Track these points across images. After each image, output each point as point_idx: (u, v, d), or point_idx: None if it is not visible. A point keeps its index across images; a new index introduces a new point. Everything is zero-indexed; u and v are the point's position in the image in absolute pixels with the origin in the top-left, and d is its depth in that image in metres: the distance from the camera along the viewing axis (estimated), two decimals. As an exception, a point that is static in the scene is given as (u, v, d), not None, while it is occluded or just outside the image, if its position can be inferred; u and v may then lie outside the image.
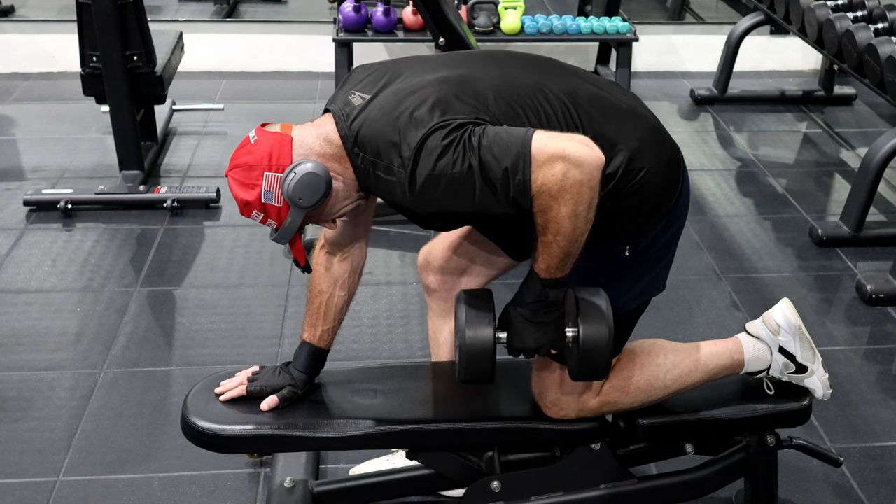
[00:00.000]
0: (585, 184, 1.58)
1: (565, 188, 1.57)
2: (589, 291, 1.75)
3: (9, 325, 3.02)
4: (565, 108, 1.74)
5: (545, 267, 1.69)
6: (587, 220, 1.62)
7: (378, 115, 1.69)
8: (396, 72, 1.78)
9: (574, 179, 1.57)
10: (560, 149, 1.57)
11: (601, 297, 1.74)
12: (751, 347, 2.05)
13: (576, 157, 1.57)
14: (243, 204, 1.73)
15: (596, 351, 1.71)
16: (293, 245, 1.80)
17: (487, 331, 1.71)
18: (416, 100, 1.67)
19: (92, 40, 3.62)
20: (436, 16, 3.39)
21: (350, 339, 2.96)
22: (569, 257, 1.67)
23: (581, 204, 1.59)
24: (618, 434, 2.08)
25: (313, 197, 1.70)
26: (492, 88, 1.72)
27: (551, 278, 1.70)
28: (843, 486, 2.43)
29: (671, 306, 3.17)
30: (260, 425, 1.93)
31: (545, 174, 1.57)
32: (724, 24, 5.45)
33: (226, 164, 1.75)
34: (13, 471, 2.42)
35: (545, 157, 1.57)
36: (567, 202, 1.58)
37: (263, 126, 1.76)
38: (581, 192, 1.58)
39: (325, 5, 5.95)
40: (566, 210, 1.59)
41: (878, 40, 3.62)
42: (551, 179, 1.57)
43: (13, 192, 3.85)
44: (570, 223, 1.61)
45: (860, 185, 3.54)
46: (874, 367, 2.92)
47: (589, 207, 1.61)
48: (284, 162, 1.70)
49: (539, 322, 1.73)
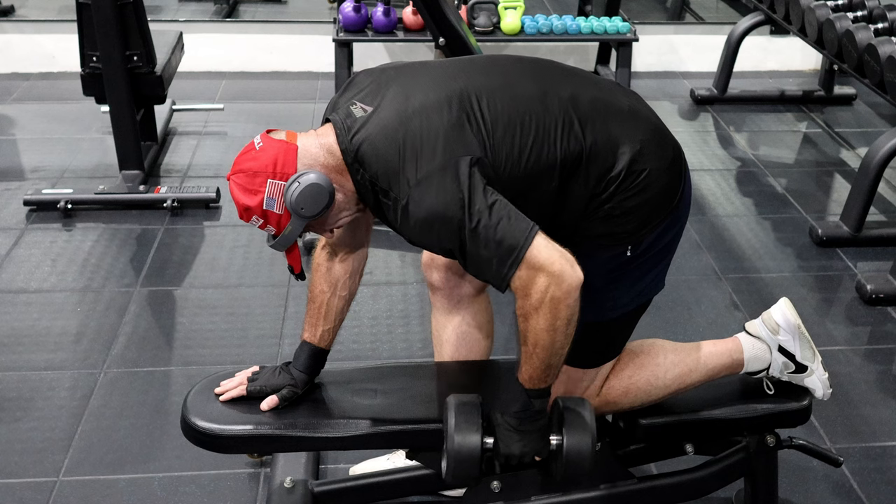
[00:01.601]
0: (563, 301, 1.62)
1: (544, 302, 1.62)
2: (573, 401, 1.82)
3: (9, 325, 3.02)
4: (566, 115, 1.74)
5: (528, 377, 1.74)
6: (566, 334, 1.68)
7: (380, 135, 1.68)
8: (398, 82, 1.77)
9: (553, 296, 1.62)
10: (549, 261, 1.61)
11: (585, 408, 1.80)
12: (750, 347, 2.05)
13: (559, 274, 1.61)
14: (244, 209, 1.73)
15: (579, 460, 1.76)
16: (290, 252, 1.81)
17: (475, 438, 1.76)
18: (418, 124, 1.67)
19: (92, 40, 3.62)
20: (436, 16, 3.39)
21: (350, 339, 2.96)
22: (550, 368, 1.72)
23: (559, 319, 1.64)
24: (618, 434, 2.08)
25: (316, 207, 1.71)
26: (492, 108, 1.71)
27: (535, 388, 1.75)
28: (843, 486, 2.43)
29: (671, 306, 3.17)
30: (260, 425, 1.93)
31: (529, 281, 1.62)
32: (724, 24, 5.46)
33: (226, 164, 1.75)
34: (13, 471, 2.42)
35: (533, 263, 1.62)
36: (545, 316, 1.64)
37: (269, 132, 1.77)
38: (559, 309, 1.63)
39: (325, 5, 5.95)
40: (544, 323, 1.65)
41: (878, 40, 3.62)
42: (534, 291, 1.62)
43: (13, 192, 3.85)
44: (549, 336, 1.66)
45: (860, 185, 3.54)
46: (874, 367, 2.92)
47: (567, 323, 1.66)
48: (289, 171, 1.70)
49: (524, 430, 1.77)
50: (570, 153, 1.73)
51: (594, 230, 1.80)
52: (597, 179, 1.75)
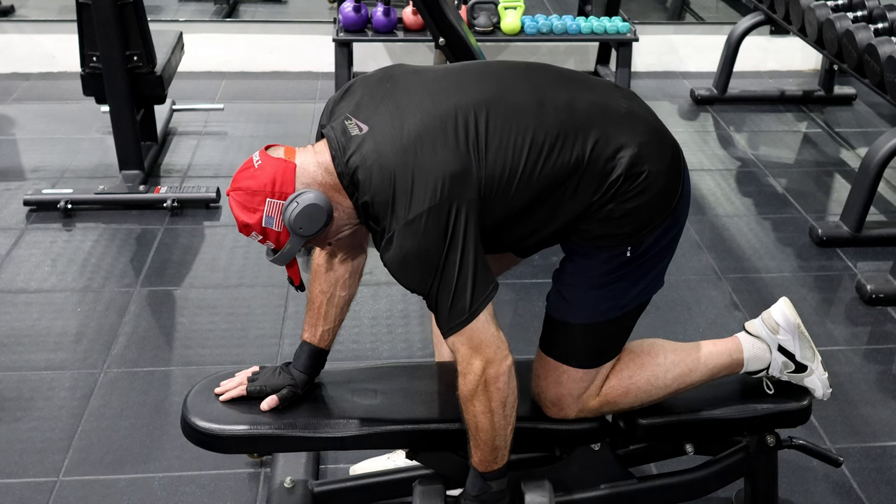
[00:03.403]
0: (494, 384, 1.71)
1: (479, 385, 1.71)
2: (533, 483, 1.90)
3: (9, 325, 3.02)
4: (563, 125, 1.74)
5: (479, 461, 1.81)
6: (504, 416, 1.75)
7: (374, 164, 1.67)
8: (394, 98, 1.75)
9: (487, 378, 1.70)
10: (485, 342, 1.69)
11: (545, 489, 1.88)
12: (750, 346, 2.05)
13: (492, 358, 1.70)
14: (243, 225, 1.74)
15: None
16: (290, 267, 1.82)
17: None
18: (412, 160, 1.66)
19: (92, 40, 3.62)
20: (436, 16, 3.39)
21: (350, 339, 2.96)
22: (498, 450, 1.78)
23: (493, 401, 1.72)
24: (618, 434, 2.08)
25: (314, 227, 1.71)
26: (487, 125, 1.71)
27: (489, 471, 1.81)
28: (843, 486, 2.43)
29: (671, 306, 3.17)
30: (260, 425, 1.93)
31: (464, 360, 1.71)
32: (724, 24, 5.45)
33: (226, 164, 1.75)
34: (13, 471, 2.42)
35: (472, 338, 1.69)
36: (480, 399, 1.72)
37: (267, 149, 1.77)
38: (491, 391, 1.71)
39: (325, 5, 5.95)
40: (481, 406, 1.73)
41: (878, 40, 3.62)
42: (469, 372, 1.71)
43: (13, 192, 3.85)
44: (487, 419, 1.73)
45: (860, 185, 3.54)
46: (874, 367, 2.92)
47: (503, 405, 1.74)
48: (287, 190, 1.71)
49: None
50: (568, 164, 1.73)
51: (594, 231, 1.80)
52: (596, 184, 1.75)
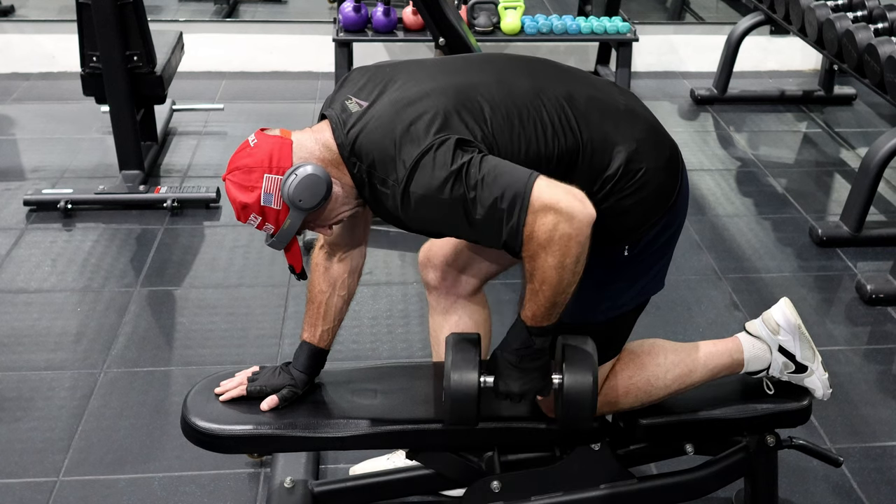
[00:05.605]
0: (574, 238, 1.59)
1: (553, 239, 1.58)
2: (577, 339, 1.78)
3: (9, 325, 3.02)
4: (562, 112, 1.74)
5: (531, 315, 1.70)
6: (574, 272, 1.64)
7: (375, 125, 1.69)
8: (394, 78, 1.78)
9: (563, 232, 1.58)
10: (555, 200, 1.58)
11: (588, 345, 1.77)
12: (750, 347, 2.05)
13: (568, 210, 1.58)
14: (241, 207, 1.72)
15: (580, 399, 1.73)
16: (289, 251, 1.80)
17: (472, 375, 1.74)
18: (413, 112, 1.67)
19: (92, 40, 3.62)
20: (436, 16, 3.39)
21: (350, 339, 2.96)
22: (555, 307, 1.68)
23: (568, 257, 1.60)
24: (618, 434, 2.08)
25: (314, 199, 1.70)
26: (489, 100, 1.72)
27: (538, 326, 1.71)
28: (843, 486, 2.43)
29: (671, 306, 3.17)
30: (260, 425, 1.93)
31: (537, 222, 1.58)
32: (724, 24, 5.45)
33: (226, 164, 1.75)
34: (13, 471, 2.42)
35: (540, 205, 1.58)
36: (554, 253, 1.60)
37: (262, 131, 1.77)
38: (569, 246, 1.59)
39: (325, 5, 5.95)
40: (553, 261, 1.61)
41: (878, 40, 3.62)
42: (541, 228, 1.58)
43: (13, 192, 3.85)
44: (557, 274, 1.62)
45: (860, 185, 3.54)
46: (874, 367, 2.92)
47: (576, 261, 1.62)
48: (285, 164, 1.70)
49: (525, 368, 1.74)
50: (567, 149, 1.73)
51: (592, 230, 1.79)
52: (593, 178, 1.75)
